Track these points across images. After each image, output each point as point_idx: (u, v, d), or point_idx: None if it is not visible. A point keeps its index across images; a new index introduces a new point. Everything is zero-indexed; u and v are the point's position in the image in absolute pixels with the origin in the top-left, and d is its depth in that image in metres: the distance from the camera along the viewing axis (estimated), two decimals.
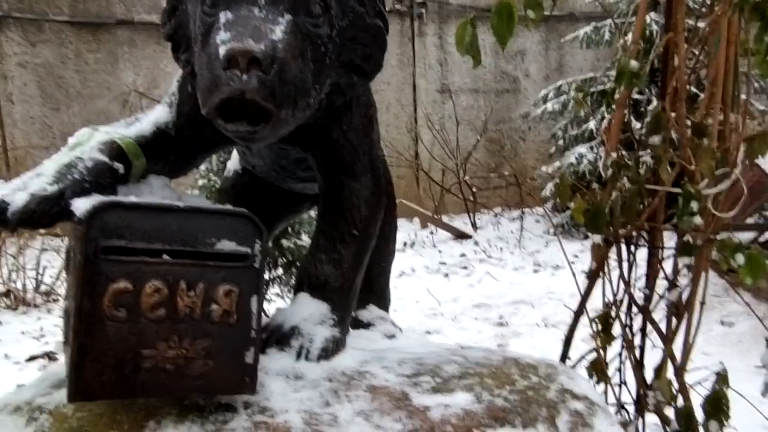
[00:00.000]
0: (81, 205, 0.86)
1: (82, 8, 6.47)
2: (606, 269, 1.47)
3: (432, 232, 5.89)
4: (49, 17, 6.40)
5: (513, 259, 5.17)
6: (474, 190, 6.39)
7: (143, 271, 0.84)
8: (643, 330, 1.43)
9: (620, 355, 1.50)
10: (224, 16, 0.83)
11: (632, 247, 1.41)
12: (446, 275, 4.77)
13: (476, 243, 5.68)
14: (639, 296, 1.44)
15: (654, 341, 1.48)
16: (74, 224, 0.88)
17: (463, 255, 5.34)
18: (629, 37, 4.64)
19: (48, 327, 3.83)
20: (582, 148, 5.41)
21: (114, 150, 0.96)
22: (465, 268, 4.96)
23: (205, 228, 0.87)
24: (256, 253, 0.90)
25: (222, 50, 0.78)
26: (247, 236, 0.89)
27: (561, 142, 5.91)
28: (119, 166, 0.95)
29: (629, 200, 1.20)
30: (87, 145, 0.95)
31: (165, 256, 0.85)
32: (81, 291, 0.82)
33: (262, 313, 0.96)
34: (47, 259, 4.36)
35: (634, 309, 1.45)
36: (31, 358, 3.37)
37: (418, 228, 6.21)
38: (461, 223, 6.28)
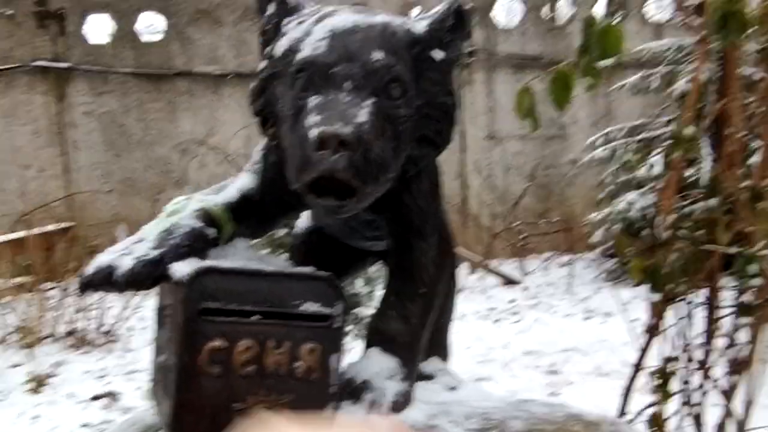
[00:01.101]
0: (180, 269, 0.95)
1: (145, 60, 6.83)
2: (663, 325, 1.49)
3: (481, 278, 5.91)
4: (114, 69, 6.77)
5: (563, 305, 5.13)
6: (523, 235, 6.39)
7: (236, 330, 0.92)
8: (702, 387, 1.45)
9: (679, 411, 1.51)
10: (314, 100, 0.92)
11: (690, 304, 1.43)
12: (496, 321, 4.77)
13: (525, 289, 5.67)
14: (698, 353, 1.45)
15: (715, 398, 1.48)
16: (172, 286, 0.97)
17: (512, 301, 5.33)
18: (679, 84, 4.61)
19: (110, 367, 3.98)
20: (632, 195, 5.38)
21: (207, 217, 1.05)
22: (515, 314, 4.94)
23: (291, 291, 0.95)
24: (337, 313, 0.97)
25: (313, 133, 0.87)
26: (329, 298, 0.97)
27: (610, 188, 5.89)
28: (211, 231, 1.05)
29: (688, 261, 1.23)
30: (184, 212, 1.05)
31: (255, 317, 0.93)
32: (181, 348, 0.90)
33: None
34: (109, 300, 4.54)
35: (694, 365, 1.47)
36: (95, 398, 3.50)
37: (467, 273, 6.23)
38: (510, 268, 6.28)
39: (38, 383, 3.67)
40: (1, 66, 6.62)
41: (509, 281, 5.87)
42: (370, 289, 3.64)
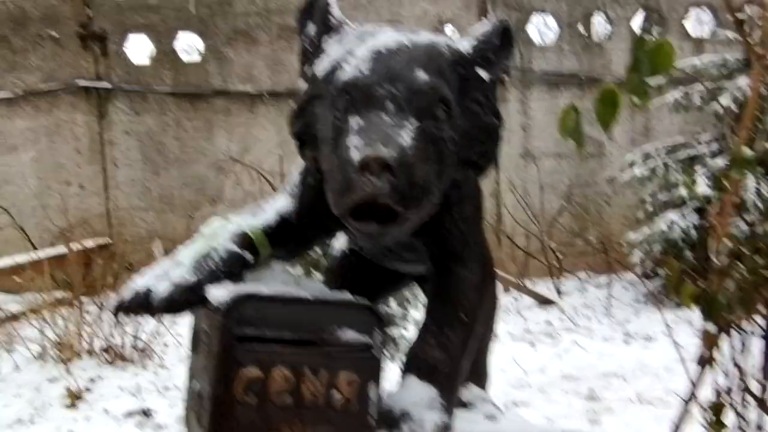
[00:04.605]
0: (217, 295, 0.93)
1: (183, 80, 6.94)
2: (717, 355, 1.42)
3: (515, 298, 5.80)
4: (153, 88, 6.90)
5: (601, 328, 5.00)
6: (559, 255, 6.27)
7: (272, 359, 0.89)
8: (759, 426, 1.36)
9: None
10: (355, 122, 0.89)
11: (747, 336, 1.36)
12: (532, 343, 4.66)
13: (561, 310, 5.54)
14: (755, 386, 1.37)
15: None
16: (209, 311, 0.95)
17: (548, 322, 5.22)
18: (722, 101, 4.48)
19: (144, 384, 3.98)
20: (673, 215, 5.24)
21: (245, 241, 1.03)
22: (551, 336, 4.83)
23: (329, 318, 0.92)
24: (376, 342, 0.94)
25: (356, 155, 0.84)
26: (368, 326, 0.94)
27: (649, 207, 5.76)
28: (249, 256, 1.03)
29: (747, 290, 1.17)
30: (221, 235, 1.03)
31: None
32: (217, 377, 0.88)
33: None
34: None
35: (749, 399, 1.39)
36: (129, 415, 3.51)
37: (500, 293, 6.13)
38: (545, 288, 6.15)
39: (75, 398, 3.69)
40: (46, 87, 6.80)
41: (545, 302, 5.75)
42: (404, 310, 3.60)
